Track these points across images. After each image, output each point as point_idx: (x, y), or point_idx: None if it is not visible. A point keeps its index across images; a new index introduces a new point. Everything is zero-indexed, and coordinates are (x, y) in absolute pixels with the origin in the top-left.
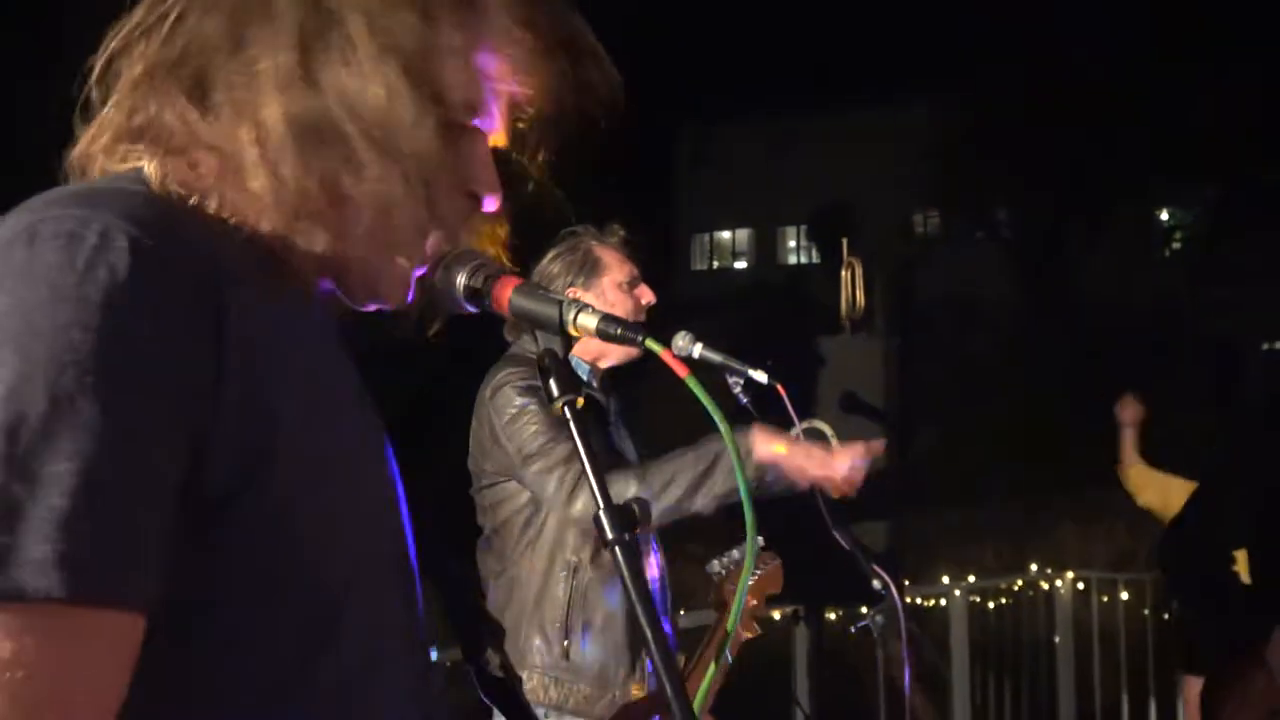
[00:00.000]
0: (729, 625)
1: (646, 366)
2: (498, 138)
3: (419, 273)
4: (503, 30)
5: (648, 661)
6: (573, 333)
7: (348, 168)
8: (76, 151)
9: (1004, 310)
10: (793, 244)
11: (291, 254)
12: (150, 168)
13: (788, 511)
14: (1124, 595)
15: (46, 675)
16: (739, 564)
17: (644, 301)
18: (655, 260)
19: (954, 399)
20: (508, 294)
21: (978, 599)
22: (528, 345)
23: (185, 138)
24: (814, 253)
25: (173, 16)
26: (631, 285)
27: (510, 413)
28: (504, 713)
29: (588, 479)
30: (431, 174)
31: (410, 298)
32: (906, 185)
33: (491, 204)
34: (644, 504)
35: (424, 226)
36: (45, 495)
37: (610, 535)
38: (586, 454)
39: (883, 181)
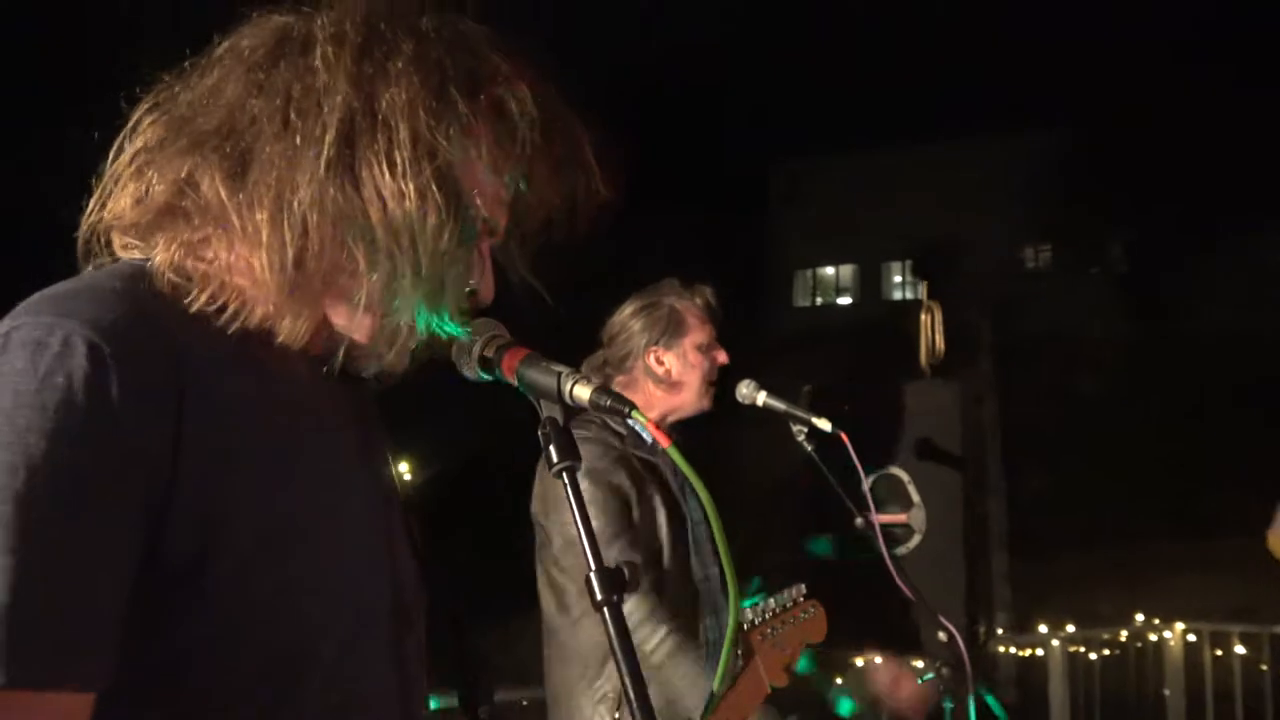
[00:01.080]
0: (715, 687)
1: (734, 418)
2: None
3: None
4: (526, 150)
5: None
6: (569, 403)
7: (366, 258)
8: (101, 220)
9: (1119, 347)
10: (898, 279)
11: (283, 333)
12: (159, 256)
13: (871, 560)
14: (1239, 649)
15: None
16: (774, 614)
17: (719, 363)
18: (757, 297)
19: (1065, 440)
20: (515, 364)
21: (1082, 649)
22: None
23: (213, 212)
24: (920, 288)
25: (214, 78)
26: (709, 347)
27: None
28: None
29: (582, 544)
30: (443, 272)
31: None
32: (1017, 218)
33: (485, 302)
34: (634, 566)
35: (423, 314)
36: None
37: (600, 597)
38: (581, 519)
39: (992, 214)
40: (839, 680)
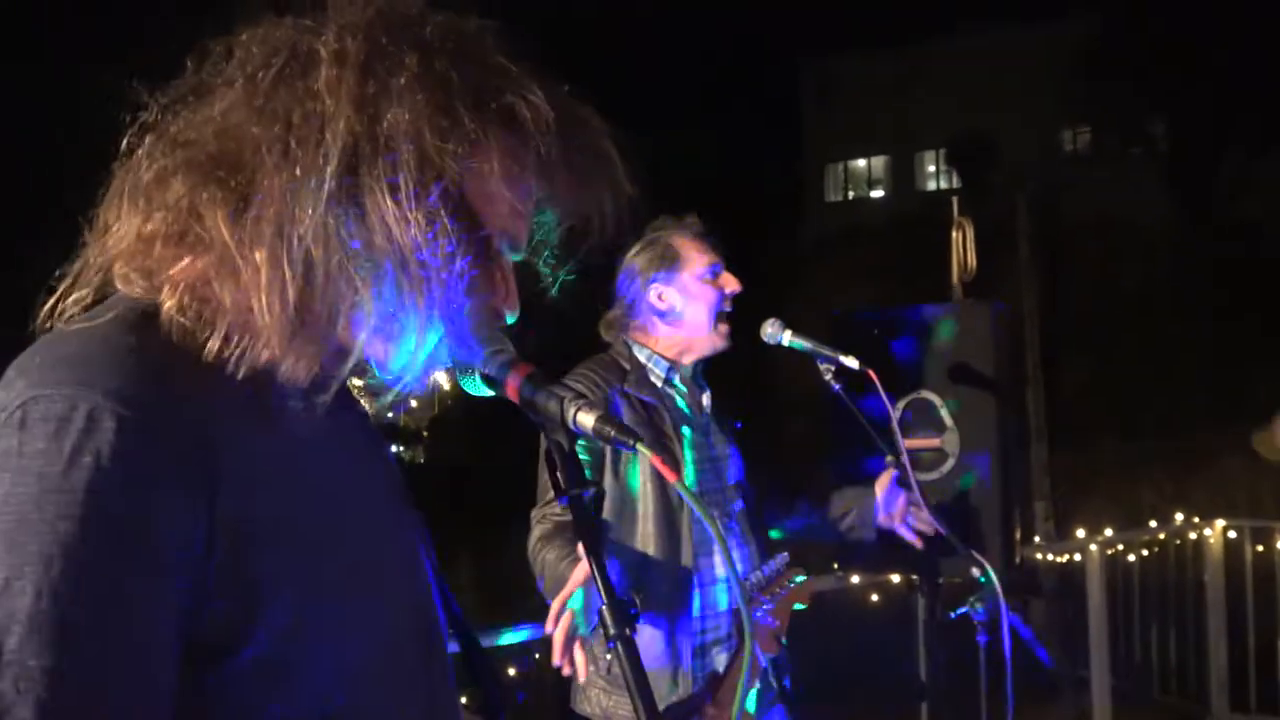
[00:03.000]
0: (733, 715)
1: (783, 365)
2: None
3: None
4: (541, 158)
5: (685, 665)
6: (572, 428)
7: (374, 290)
8: (99, 253)
9: (1162, 232)
10: (931, 169)
11: (284, 375)
12: (167, 301)
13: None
14: None
15: None
16: (763, 587)
17: (728, 290)
18: (786, 196)
19: (1109, 329)
20: (518, 384)
21: (1121, 548)
22: (618, 349)
23: (216, 249)
24: (954, 177)
25: (212, 100)
26: (714, 275)
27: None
28: None
29: (592, 569)
30: (458, 296)
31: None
32: (1053, 100)
33: (511, 317)
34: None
35: (443, 340)
36: (31, 689)
37: (612, 631)
38: (589, 547)
39: (1027, 98)
40: None
